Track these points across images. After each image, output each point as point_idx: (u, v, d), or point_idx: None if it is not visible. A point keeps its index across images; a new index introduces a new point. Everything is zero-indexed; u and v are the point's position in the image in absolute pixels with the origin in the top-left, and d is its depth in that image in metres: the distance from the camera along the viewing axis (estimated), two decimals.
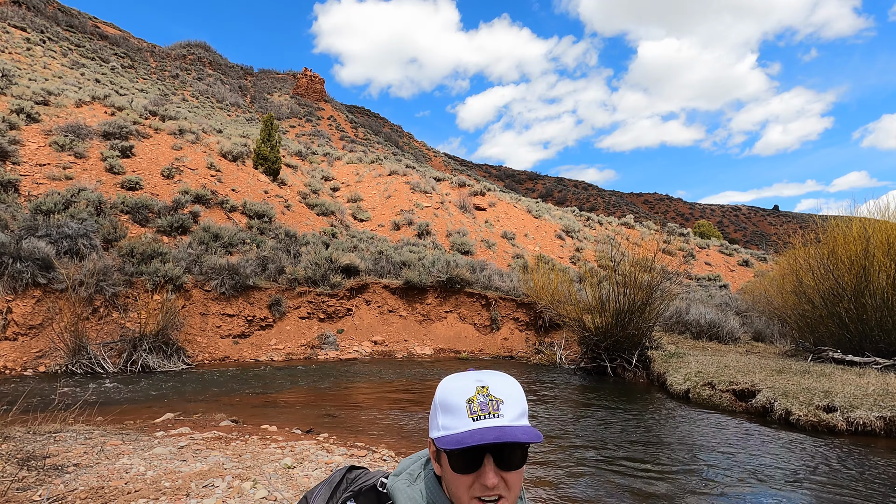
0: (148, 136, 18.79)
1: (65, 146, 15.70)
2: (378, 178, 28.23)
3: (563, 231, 26.15)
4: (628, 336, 10.10)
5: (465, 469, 0.99)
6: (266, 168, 21.10)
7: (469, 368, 1.12)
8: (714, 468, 4.86)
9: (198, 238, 13.34)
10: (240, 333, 11.22)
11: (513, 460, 1.00)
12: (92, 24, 75.96)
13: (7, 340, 8.87)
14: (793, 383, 7.11)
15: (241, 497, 3.35)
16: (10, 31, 49.91)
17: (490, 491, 0.98)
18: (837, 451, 5.30)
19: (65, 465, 3.78)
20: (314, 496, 1.21)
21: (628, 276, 10.18)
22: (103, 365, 8.77)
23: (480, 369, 1.10)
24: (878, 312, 8.95)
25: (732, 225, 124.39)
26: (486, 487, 0.98)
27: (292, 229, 16.41)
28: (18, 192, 13.13)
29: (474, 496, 0.99)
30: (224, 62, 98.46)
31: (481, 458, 0.98)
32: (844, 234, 9.89)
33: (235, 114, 73.44)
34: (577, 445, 5.55)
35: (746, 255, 31.59)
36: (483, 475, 0.98)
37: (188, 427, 5.48)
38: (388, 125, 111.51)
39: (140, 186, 15.30)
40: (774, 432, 6.06)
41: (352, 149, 55.98)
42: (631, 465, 4.92)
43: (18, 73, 24.69)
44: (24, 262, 9.34)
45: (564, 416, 6.99)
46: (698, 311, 13.31)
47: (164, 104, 23.61)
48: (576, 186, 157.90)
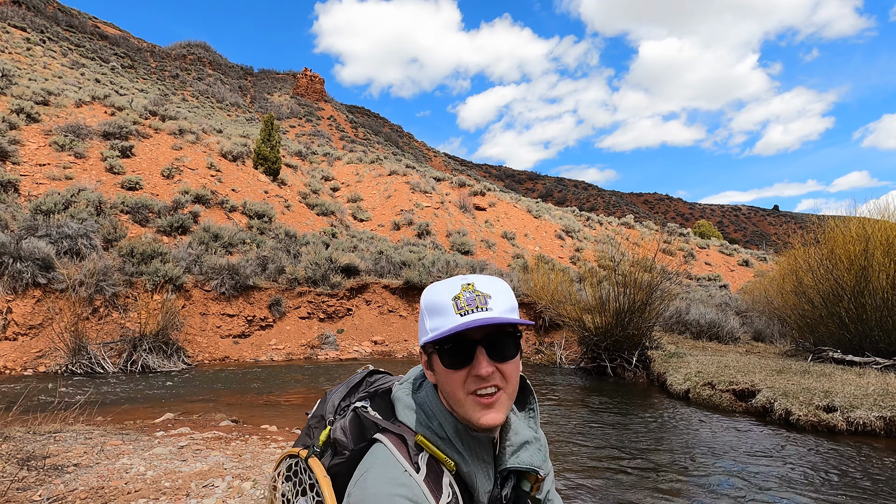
0: (148, 136, 18.78)
1: (65, 146, 15.70)
2: (378, 178, 28.23)
3: (563, 231, 26.15)
4: (628, 336, 10.10)
5: (457, 364, 0.95)
6: (266, 168, 21.10)
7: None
8: (713, 468, 4.86)
9: (198, 238, 13.34)
10: (240, 333, 11.22)
11: (505, 349, 0.97)
12: (92, 24, 75.94)
13: (7, 340, 8.87)
14: (793, 383, 7.11)
15: (241, 497, 3.35)
16: (10, 30, 49.91)
17: (485, 382, 0.95)
18: (837, 451, 5.30)
19: (65, 465, 3.78)
20: (333, 392, 1.20)
21: (628, 276, 10.18)
22: (103, 365, 8.77)
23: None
24: (878, 312, 8.95)
25: (732, 225, 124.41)
26: (480, 378, 0.95)
27: (292, 229, 16.41)
28: (18, 192, 13.13)
29: (470, 392, 0.95)
30: (224, 62, 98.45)
31: (473, 350, 0.95)
32: (844, 234, 9.89)
33: (235, 114, 73.43)
34: (577, 445, 5.55)
35: (746, 255, 31.59)
36: (476, 366, 0.95)
37: (188, 427, 5.48)
38: (388, 125, 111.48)
39: (140, 186, 15.30)
40: (774, 432, 6.06)
41: (352, 149, 55.99)
42: (631, 464, 4.92)
43: (18, 73, 24.68)
44: (24, 262, 9.34)
45: (564, 416, 6.99)
46: (698, 311, 13.31)
47: (164, 104, 23.61)
48: (576, 186, 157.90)
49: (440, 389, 1.01)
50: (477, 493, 0.99)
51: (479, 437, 1.00)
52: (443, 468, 0.96)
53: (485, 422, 0.95)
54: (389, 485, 0.89)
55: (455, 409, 0.98)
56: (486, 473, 1.01)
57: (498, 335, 0.96)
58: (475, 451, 1.00)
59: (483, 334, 0.96)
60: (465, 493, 0.98)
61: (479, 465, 1.00)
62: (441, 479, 0.95)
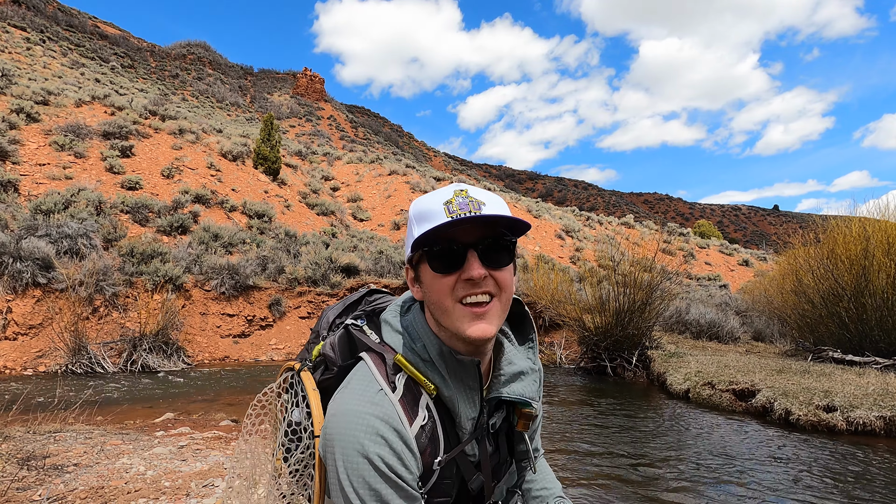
0: (148, 135, 18.78)
1: (65, 146, 15.70)
2: (378, 178, 28.23)
3: (562, 231, 26.15)
4: (628, 336, 10.10)
5: (447, 267, 0.89)
6: (266, 168, 21.10)
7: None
8: (713, 468, 4.86)
9: (198, 238, 13.34)
10: (240, 333, 11.22)
11: (500, 255, 0.91)
12: (92, 23, 75.95)
13: (7, 340, 8.87)
14: (793, 383, 7.11)
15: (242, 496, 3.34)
16: (10, 30, 49.90)
17: (477, 287, 0.88)
18: (837, 451, 5.30)
19: (65, 464, 3.78)
20: (330, 309, 1.19)
21: (628, 276, 10.17)
22: (103, 365, 8.77)
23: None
24: (877, 312, 8.95)
25: (732, 225, 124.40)
26: (471, 283, 0.88)
27: (292, 229, 16.41)
28: (18, 192, 13.13)
29: (459, 299, 0.89)
30: (224, 62, 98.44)
31: (464, 254, 0.89)
32: (844, 233, 9.88)
33: (235, 113, 73.42)
34: (577, 445, 5.55)
35: (746, 254, 31.59)
36: (467, 269, 0.88)
37: (188, 427, 5.48)
38: (388, 125, 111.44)
39: (140, 186, 15.30)
40: (774, 432, 6.06)
41: (352, 148, 56.00)
42: (630, 463, 4.92)
43: (18, 73, 24.68)
44: (24, 262, 9.34)
45: (565, 416, 6.99)
46: (698, 310, 13.31)
47: (163, 104, 23.60)
48: (576, 186, 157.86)
49: (427, 304, 0.95)
50: (459, 419, 0.95)
51: (464, 361, 0.93)
52: (421, 390, 0.93)
53: (473, 333, 0.88)
54: (362, 403, 0.87)
55: (442, 321, 0.92)
56: (471, 400, 0.96)
57: (492, 240, 0.90)
58: (459, 375, 0.94)
59: (476, 238, 0.90)
60: (447, 418, 0.94)
61: (462, 390, 0.95)
62: (418, 401, 0.92)
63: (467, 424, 0.96)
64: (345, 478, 0.84)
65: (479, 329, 0.88)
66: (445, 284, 0.89)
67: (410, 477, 0.86)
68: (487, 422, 0.99)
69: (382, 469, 0.84)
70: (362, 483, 0.83)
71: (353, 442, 0.84)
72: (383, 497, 0.83)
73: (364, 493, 0.83)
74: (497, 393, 0.99)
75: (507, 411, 1.05)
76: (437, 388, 0.93)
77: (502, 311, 0.93)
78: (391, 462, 0.84)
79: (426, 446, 0.90)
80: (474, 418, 0.97)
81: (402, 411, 0.89)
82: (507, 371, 1.02)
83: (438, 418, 0.93)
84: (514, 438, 1.09)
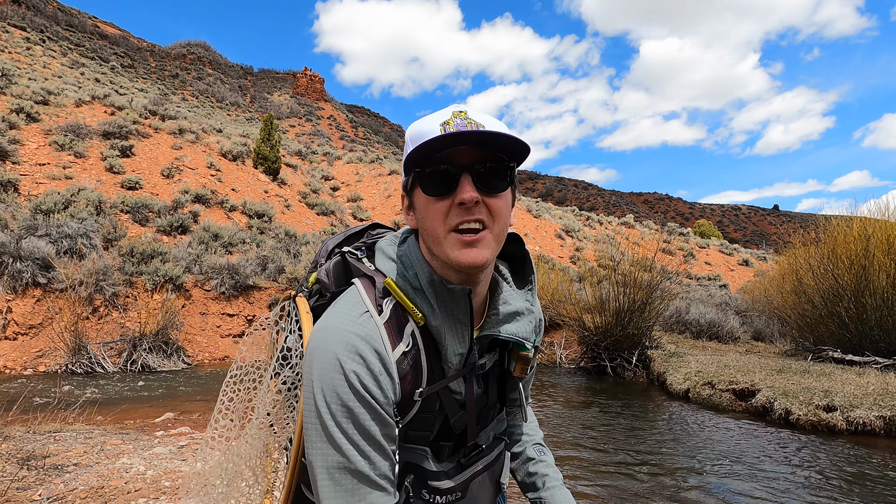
0: (148, 135, 18.78)
1: (65, 146, 15.70)
2: (378, 178, 28.23)
3: (562, 231, 26.15)
4: (628, 335, 10.10)
5: (439, 190, 0.86)
6: (266, 168, 21.10)
7: None
8: (713, 468, 4.86)
9: (198, 238, 13.34)
10: (240, 333, 11.21)
11: (495, 180, 0.87)
12: (92, 23, 75.99)
13: (7, 340, 8.87)
14: (792, 383, 7.11)
15: None
16: (10, 30, 49.91)
17: (469, 214, 0.85)
18: (837, 451, 5.30)
19: (65, 464, 3.78)
20: (331, 238, 1.17)
21: (628, 276, 10.17)
22: (103, 364, 8.77)
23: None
24: (877, 312, 8.95)
25: (732, 224, 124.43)
26: (464, 209, 0.85)
27: (292, 229, 16.42)
28: (18, 192, 13.13)
29: (452, 226, 0.86)
30: (224, 62, 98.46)
31: (457, 177, 0.85)
32: (844, 233, 9.88)
33: (235, 113, 73.43)
34: (577, 445, 5.55)
35: (746, 254, 31.60)
36: (459, 191, 0.84)
37: (188, 426, 5.48)
38: (388, 125, 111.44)
39: (140, 186, 15.30)
40: (774, 432, 6.06)
41: (352, 148, 55.98)
42: (630, 463, 4.92)
43: (18, 73, 24.68)
44: (24, 262, 9.34)
45: (564, 415, 6.99)
46: (698, 310, 13.31)
47: (163, 104, 23.59)
48: (576, 186, 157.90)
49: (420, 232, 0.93)
50: (445, 351, 0.92)
51: (455, 291, 0.91)
52: (408, 317, 0.91)
53: (463, 259, 0.85)
54: (345, 321, 0.86)
55: (434, 249, 0.89)
56: (460, 335, 0.93)
57: (488, 163, 0.86)
58: (448, 306, 0.91)
59: (471, 160, 0.86)
60: (433, 350, 0.92)
61: (450, 322, 0.92)
62: (404, 328, 0.90)
63: (454, 360, 0.93)
64: (319, 392, 0.83)
65: (469, 255, 0.86)
66: (438, 210, 0.87)
67: (385, 401, 0.85)
68: (477, 361, 0.97)
69: (357, 387, 0.82)
70: (335, 398, 0.82)
71: (330, 357, 0.83)
72: (355, 415, 0.82)
73: (336, 409, 0.82)
74: (489, 332, 0.97)
75: (500, 355, 1.04)
76: (424, 317, 0.91)
77: (496, 243, 0.89)
78: (367, 382, 0.83)
79: (407, 373, 0.89)
80: (462, 354, 0.94)
81: (385, 334, 0.87)
82: (503, 311, 0.99)
83: (423, 348, 0.91)
84: (506, 384, 1.07)
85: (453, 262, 0.87)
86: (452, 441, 0.98)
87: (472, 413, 0.97)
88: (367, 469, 0.83)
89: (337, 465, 0.83)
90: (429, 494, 0.94)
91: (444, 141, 0.82)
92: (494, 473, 1.06)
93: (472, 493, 0.99)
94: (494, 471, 1.06)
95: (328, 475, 0.83)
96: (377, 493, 0.84)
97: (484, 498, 1.04)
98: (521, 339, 0.98)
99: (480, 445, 1.04)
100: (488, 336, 0.97)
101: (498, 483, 1.07)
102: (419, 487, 0.93)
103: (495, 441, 1.09)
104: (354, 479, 0.83)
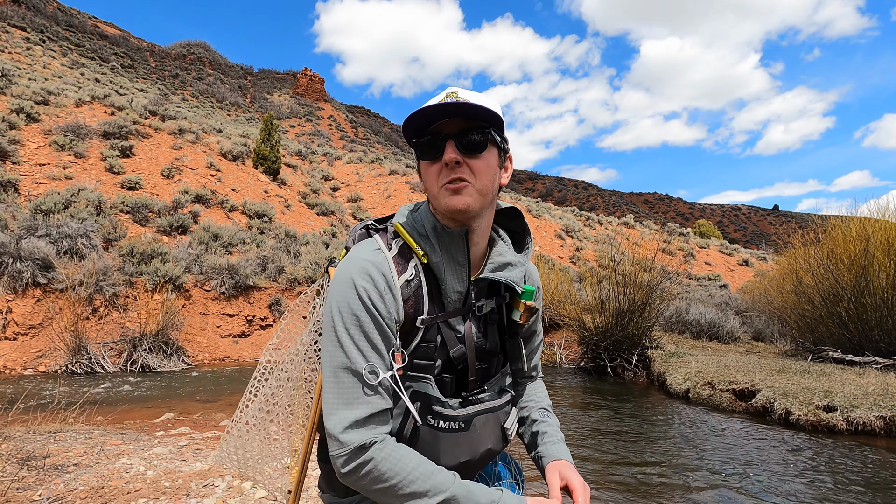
0: (148, 135, 18.78)
1: (65, 146, 15.70)
2: (378, 178, 28.24)
3: (562, 231, 26.16)
4: (628, 336, 10.10)
5: (431, 155, 1.04)
6: (266, 168, 21.10)
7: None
8: (713, 468, 4.86)
9: (198, 238, 13.35)
10: (240, 333, 11.22)
11: (473, 143, 1.03)
12: (92, 23, 76.01)
13: (7, 340, 8.87)
14: (792, 383, 7.11)
15: (242, 497, 3.35)
16: (10, 30, 49.92)
17: (453, 172, 1.02)
18: (837, 451, 5.31)
19: (65, 464, 3.78)
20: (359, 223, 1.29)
21: (628, 276, 10.17)
22: (103, 365, 8.77)
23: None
24: (877, 312, 8.95)
25: (732, 224, 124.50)
26: (448, 168, 1.02)
27: (292, 229, 16.42)
28: (18, 192, 13.13)
29: (442, 184, 1.03)
30: (224, 62, 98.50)
31: (444, 143, 1.03)
32: (844, 233, 9.88)
33: (235, 113, 73.47)
34: (576, 445, 5.56)
35: (746, 254, 31.60)
36: (444, 155, 1.02)
37: (188, 427, 5.48)
38: (387, 125, 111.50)
39: (140, 186, 15.30)
40: (774, 432, 6.06)
41: (352, 148, 55.99)
42: (630, 462, 4.92)
43: (18, 73, 24.68)
44: (24, 262, 9.34)
45: (564, 415, 7.00)
46: (698, 310, 13.31)
47: (163, 104, 23.58)
48: (576, 186, 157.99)
49: (425, 192, 1.10)
50: (445, 286, 1.07)
51: (453, 234, 1.06)
52: (413, 254, 1.08)
53: (452, 204, 1.02)
54: (362, 254, 1.04)
55: (433, 203, 1.07)
56: (458, 274, 1.08)
57: (468, 130, 1.02)
58: (448, 247, 1.07)
59: (453, 130, 1.03)
60: (434, 284, 1.07)
61: (449, 261, 1.07)
62: (409, 262, 1.06)
63: (453, 296, 1.08)
64: (334, 305, 1.00)
65: (455, 200, 1.02)
66: (432, 172, 1.05)
67: (388, 316, 1.00)
68: (474, 303, 1.10)
69: (365, 300, 0.98)
70: (346, 307, 0.98)
71: (346, 278, 1.00)
72: (361, 323, 0.97)
73: (346, 317, 0.98)
74: (485, 276, 1.10)
75: (499, 308, 1.16)
76: (427, 256, 1.06)
77: (480, 195, 1.05)
78: (374, 297, 0.99)
79: (410, 298, 1.04)
80: (461, 293, 1.09)
81: (392, 264, 1.04)
82: (497, 261, 1.13)
83: (425, 280, 1.06)
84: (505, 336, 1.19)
85: (444, 208, 1.04)
86: (455, 375, 1.09)
87: (470, 348, 1.08)
88: (368, 373, 0.96)
89: (341, 365, 0.96)
90: (433, 420, 1.03)
91: (426, 112, 0.99)
92: (499, 418, 1.13)
93: (475, 428, 1.08)
94: (499, 416, 1.13)
95: (333, 375, 0.97)
96: (376, 397, 0.96)
97: (488, 437, 1.11)
98: (511, 282, 1.11)
99: (484, 388, 1.13)
100: (484, 279, 1.12)
101: (503, 429, 1.15)
102: (425, 413, 1.03)
103: (502, 393, 1.18)
104: (354, 379, 0.96)
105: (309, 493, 3.23)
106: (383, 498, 0.94)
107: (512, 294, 1.17)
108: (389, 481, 0.92)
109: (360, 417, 0.94)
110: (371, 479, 0.92)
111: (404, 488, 0.91)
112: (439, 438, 1.03)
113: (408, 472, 0.92)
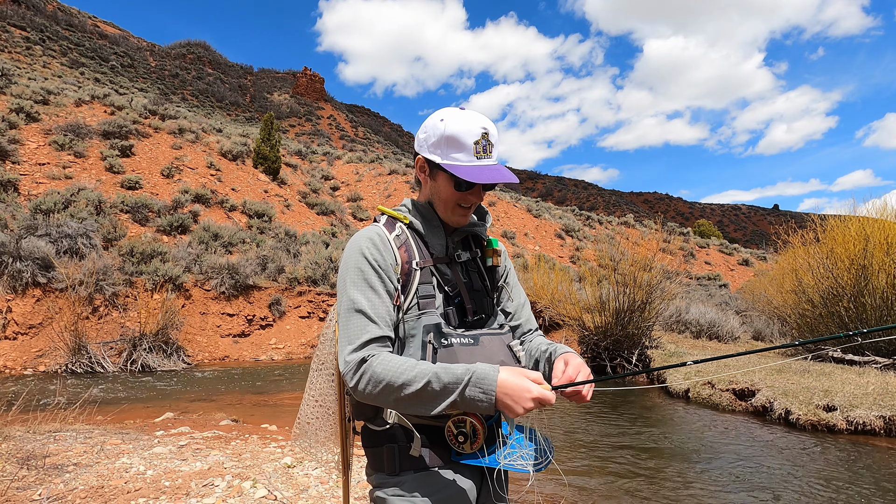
0: (148, 135, 18.78)
1: (64, 145, 15.69)
2: (378, 178, 28.23)
3: (562, 230, 26.15)
4: (628, 335, 10.09)
5: (465, 188, 1.32)
6: (266, 167, 21.10)
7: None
8: (712, 468, 4.86)
9: (198, 237, 13.34)
10: (240, 333, 11.22)
11: (489, 190, 1.38)
12: (91, 23, 75.94)
13: (7, 340, 8.87)
14: (792, 382, 7.11)
15: (241, 496, 3.35)
16: (10, 30, 49.89)
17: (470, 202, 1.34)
18: (837, 451, 5.31)
19: (65, 464, 3.78)
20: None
21: (628, 276, 10.17)
22: (103, 364, 8.77)
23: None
24: (877, 312, 8.95)
25: (732, 224, 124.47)
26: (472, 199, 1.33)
27: (292, 228, 16.42)
28: (18, 192, 13.13)
29: (459, 203, 1.33)
30: (224, 61, 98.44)
31: (478, 187, 1.33)
32: (844, 233, 9.87)
33: (235, 113, 73.44)
34: (576, 445, 5.56)
35: (746, 254, 31.60)
36: (475, 194, 1.33)
37: (188, 426, 5.48)
38: (388, 124, 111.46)
39: (140, 186, 15.30)
40: (774, 432, 6.06)
41: (352, 148, 55.94)
42: (629, 462, 4.92)
43: (18, 73, 24.67)
44: (24, 262, 9.34)
45: (564, 415, 7.00)
46: (698, 310, 13.31)
47: (163, 103, 23.58)
48: (576, 186, 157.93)
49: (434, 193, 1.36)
50: (428, 240, 1.35)
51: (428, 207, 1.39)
52: (397, 221, 1.36)
53: (461, 222, 1.36)
54: (363, 231, 1.33)
55: (441, 209, 1.35)
56: (436, 233, 1.37)
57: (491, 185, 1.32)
58: (425, 217, 1.37)
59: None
60: (419, 238, 1.35)
61: (426, 224, 1.36)
62: (395, 225, 1.35)
63: (437, 247, 1.35)
64: (345, 267, 1.28)
65: (463, 220, 1.36)
66: (456, 194, 1.32)
67: (386, 264, 1.26)
68: (454, 251, 1.38)
69: (368, 257, 1.25)
70: (354, 266, 1.26)
71: (356, 248, 1.28)
72: (365, 274, 1.25)
73: (353, 273, 1.25)
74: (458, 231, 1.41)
75: (473, 257, 1.43)
76: (409, 221, 1.35)
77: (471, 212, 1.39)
78: (374, 254, 1.26)
79: (402, 247, 1.31)
80: (442, 245, 1.36)
81: (385, 230, 1.33)
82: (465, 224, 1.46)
83: (411, 235, 1.34)
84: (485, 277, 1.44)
85: (452, 222, 1.36)
86: (454, 308, 1.33)
87: (461, 285, 1.35)
88: (369, 310, 1.21)
89: (350, 307, 1.23)
90: (445, 339, 1.24)
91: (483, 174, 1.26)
92: (503, 339, 1.35)
93: (483, 345, 1.28)
94: (503, 338, 1.35)
95: (345, 315, 1.23)
96: (374, 326, 1.21)
97: (499, 351, 1.31)
98: (478, 232, 1.43)
99: (482, 319, 1.37)
100: (459, 234, 1.41)
101: (510, 347, 1.35)
102: (438, 338, 1.25)
103: (501, 327, 1.42)
104: (361, 315, 1.21)
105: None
106: (387, 398, 1.14)
107: (482, 250, 1.47)
108: (385, 380, 1.13)
109: (362, 342, 1.18)
110: (371, 383, 1.14)
111: (396, 381, 1.13)
112: (456, 352, 1.23)
113: (396, 368, 1.14)
